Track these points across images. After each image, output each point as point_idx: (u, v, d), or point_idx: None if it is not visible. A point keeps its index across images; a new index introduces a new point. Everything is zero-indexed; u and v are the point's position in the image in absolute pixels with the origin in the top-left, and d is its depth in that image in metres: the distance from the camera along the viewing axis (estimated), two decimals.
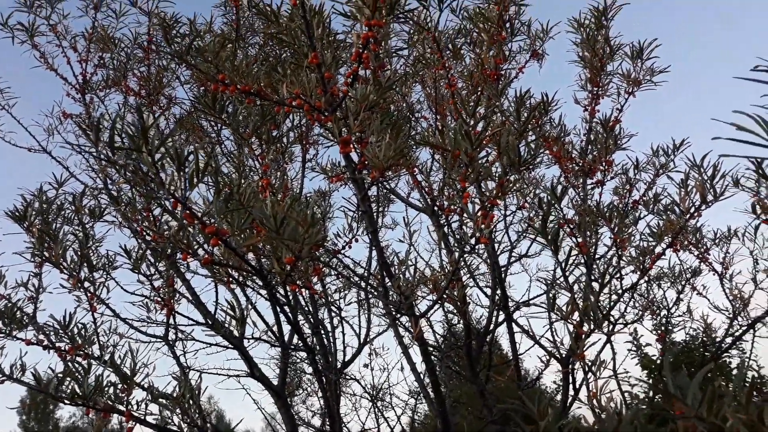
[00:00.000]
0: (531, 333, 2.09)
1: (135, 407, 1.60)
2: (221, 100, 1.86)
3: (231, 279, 2.24)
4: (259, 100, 1.69)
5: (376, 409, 3.55)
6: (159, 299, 2.35)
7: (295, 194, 2.11)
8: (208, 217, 1.35)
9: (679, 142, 2.98)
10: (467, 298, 3.03)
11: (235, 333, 3.05)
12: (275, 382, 3.30)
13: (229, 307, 1.70)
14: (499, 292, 2.67)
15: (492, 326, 3.07)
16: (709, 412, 0.99)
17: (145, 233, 2.39)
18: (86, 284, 2.09)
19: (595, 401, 1.56)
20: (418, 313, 1.62)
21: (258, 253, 2.02)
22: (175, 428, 1.73)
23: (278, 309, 2.40)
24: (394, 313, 1.63)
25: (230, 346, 2.91)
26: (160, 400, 1.64)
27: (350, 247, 2.12)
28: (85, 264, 2.03)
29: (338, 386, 3.25)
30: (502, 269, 3.20)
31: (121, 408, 1.56)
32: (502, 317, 2.90)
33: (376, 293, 1.61)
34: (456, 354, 3.68)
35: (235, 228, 1.18)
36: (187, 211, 1.15)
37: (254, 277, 2.50)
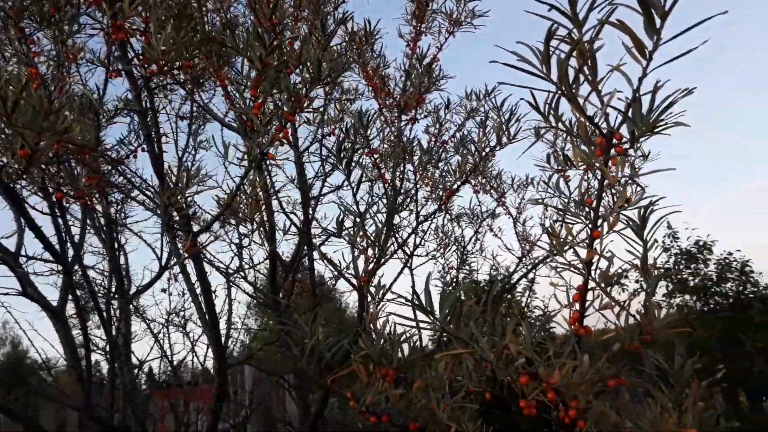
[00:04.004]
0: (328, 259, 2.07)
1: None
2: None
3: None
4: None
5: (168, 335, 3.41)
6: None
7: (70, 89, 1.83)
8: None
9: (491, 88, 3.13)
10: (275, 224, 2.96)
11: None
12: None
13: None
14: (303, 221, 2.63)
15: (299, 255, 3.04)
16: (456, 326, 1.03)
17: None
18: None
19: (371, 324, 1.58)
20: (195, 230, 1.50)
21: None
22: None
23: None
24: (167, 227, 1.49)
25: None
26: None
27: (135, 157, 1.92)
28: None
29: (127, 311, 3.04)
30: (316, 198, 3.17)
31: None
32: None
33: (155, 207, 1.47)
34: (264, 283, 3.63)
35: None
36: None
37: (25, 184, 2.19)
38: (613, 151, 1.00)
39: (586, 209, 1.08)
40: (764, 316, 6.75)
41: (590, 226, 1.10)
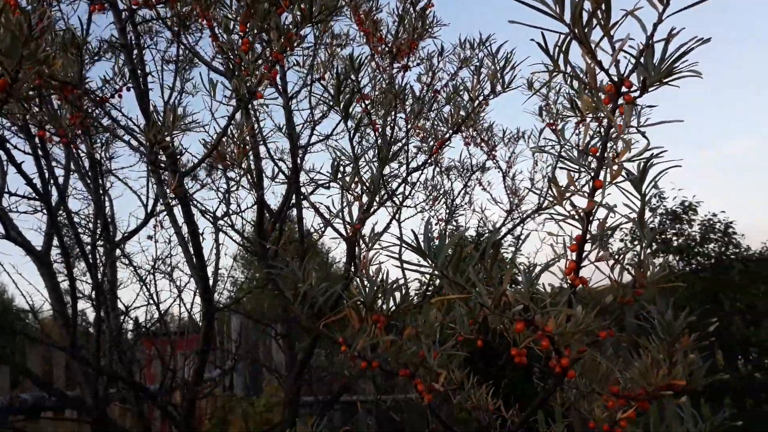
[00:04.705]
0: (316, 208, 2.04)
1: None
2: None
3: None
4: None
5: (154, 281, 3.39)
6: None
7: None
8: None
9: (485, 36, 3.04)
10: (262, 170, 2.90)
11: None
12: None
13: None
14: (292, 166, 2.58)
15: (287, 203, 3.00)
16: (455, 271, 1.01)
17: None
18: None
19: (364, 270, 1.56)
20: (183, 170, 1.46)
21: None
22: None
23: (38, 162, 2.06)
24: (153, 166, 1.45)
25: None
26: None
27: (120, 96, 1.84)
28: None
29: (113, 256, 3.01)
30: (304, 147, 3.12)
31: None
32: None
33: (140, 146, 1.41)
34: (251, 232, 3.60)
35: None
36: None
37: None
38: (621, 100, 0.96)
39: (590, 158, 1.05)
40: (744, 276, 6.86)
41: (593, 175, 1.07)
